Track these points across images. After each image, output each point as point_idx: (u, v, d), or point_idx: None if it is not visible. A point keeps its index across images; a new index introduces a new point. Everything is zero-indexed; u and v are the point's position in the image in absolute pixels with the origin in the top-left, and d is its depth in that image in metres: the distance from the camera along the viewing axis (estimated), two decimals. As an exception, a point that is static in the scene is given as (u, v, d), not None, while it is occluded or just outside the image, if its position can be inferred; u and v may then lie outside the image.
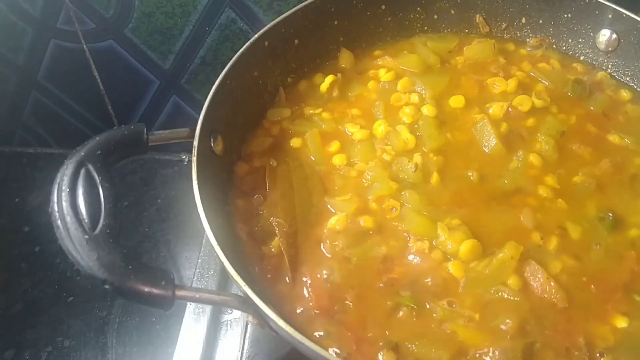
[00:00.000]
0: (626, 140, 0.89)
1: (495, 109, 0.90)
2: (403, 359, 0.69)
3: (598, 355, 0.69)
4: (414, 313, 0.72)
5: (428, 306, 0.72)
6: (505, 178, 0.84)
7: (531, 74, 0.98)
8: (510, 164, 0.85)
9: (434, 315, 0.72)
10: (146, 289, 0.63)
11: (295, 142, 0.91)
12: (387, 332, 0.71)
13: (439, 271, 0.75)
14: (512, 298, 0.72)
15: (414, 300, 0.72)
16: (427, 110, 0.91)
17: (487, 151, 0.87)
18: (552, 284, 0.72)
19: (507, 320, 0.70)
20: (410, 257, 0.77)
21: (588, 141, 0.89)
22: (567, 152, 0.87)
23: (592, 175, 0.84)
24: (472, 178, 0.83)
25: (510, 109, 0.91)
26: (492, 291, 0.73)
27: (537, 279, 0.73)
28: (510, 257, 0.74)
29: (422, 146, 0.87)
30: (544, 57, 1.02)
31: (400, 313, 0.72)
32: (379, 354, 0.69)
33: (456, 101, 0.93)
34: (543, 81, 0.96)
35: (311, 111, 0.95)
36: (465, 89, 0.95)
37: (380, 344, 0.70)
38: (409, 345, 0.70)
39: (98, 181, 0.69)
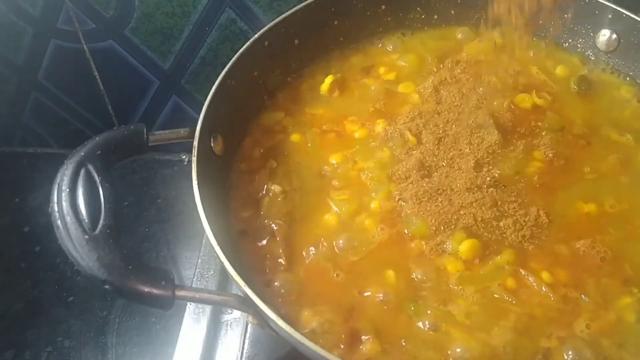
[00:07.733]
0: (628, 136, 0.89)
1: (496, 106, 0.90)
2: (394, 357, 0.69)
3: None
4: (407, 310, 0.72)
5: (422, 304, 0.72)
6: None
7: (532, 71, 0.97)
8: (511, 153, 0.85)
9: (428, 312, 0.72)
10: (146, 289, 0.64)
11: (295, 142, 0.91)
12: (377, 327, 0.71)
13: (436, 271, 0.75)
14: (507, 299, 0.72)
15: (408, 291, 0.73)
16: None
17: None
18: (549, 283, 0.72)
19: (501, 321, 0.70)
20: (409, 256, 0.76)
21: (588, 137, 0.89)
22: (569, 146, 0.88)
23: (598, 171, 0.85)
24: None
25: (512, 105, 0.91)
26: (487, 292, 0.73)
27: (532, 280, 0.73)
28: (507, 262, 0.74)
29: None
30: (544, 55, 1.01)
31: (394, 310, 0.72)
32: (361, 347, 0.69)
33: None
34: (544, 79, 0.96)
35: (311, 111, 0.95)
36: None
37: (369, 337, 0.70)
38: (402, 342, 0.70)
39: (98, 181, 0.69)
